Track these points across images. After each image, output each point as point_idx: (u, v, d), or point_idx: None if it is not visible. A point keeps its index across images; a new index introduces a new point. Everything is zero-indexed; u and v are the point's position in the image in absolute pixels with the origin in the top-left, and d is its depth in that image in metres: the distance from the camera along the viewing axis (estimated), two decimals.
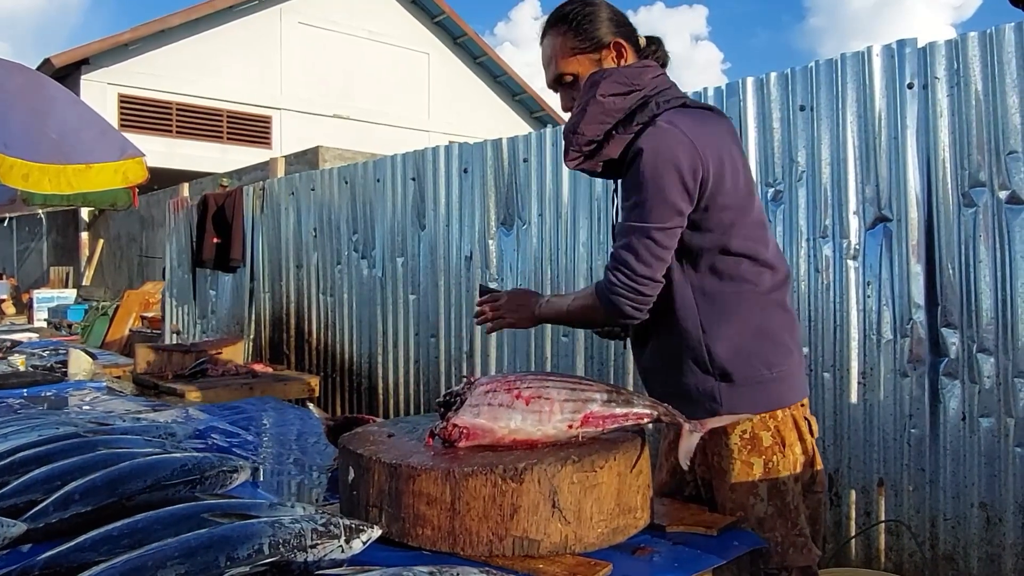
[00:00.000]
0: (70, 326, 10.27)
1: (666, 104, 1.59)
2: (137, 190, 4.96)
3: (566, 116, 1.73)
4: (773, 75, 2.86)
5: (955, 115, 2.44)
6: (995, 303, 2.36)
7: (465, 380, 1.73)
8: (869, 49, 2.62)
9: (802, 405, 1.70)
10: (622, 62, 1.67)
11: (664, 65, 1.75)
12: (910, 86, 2.54)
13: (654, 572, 1.49)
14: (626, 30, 1.71)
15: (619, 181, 1.72)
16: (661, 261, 1.59)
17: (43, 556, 1.32)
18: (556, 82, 1.75)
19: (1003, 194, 2.34)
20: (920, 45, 2.53)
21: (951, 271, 2.44)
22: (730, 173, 1.59)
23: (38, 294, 12.28)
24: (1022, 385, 2.31)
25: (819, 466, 1.70)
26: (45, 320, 11.30)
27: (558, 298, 1.86)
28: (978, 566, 2.40)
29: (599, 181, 3.37)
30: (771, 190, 2.85)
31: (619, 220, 1.69)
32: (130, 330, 8.98)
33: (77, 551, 1.33)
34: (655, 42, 1.76)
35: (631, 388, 3.20)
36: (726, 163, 1.58)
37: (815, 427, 1.71)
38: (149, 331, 8.39)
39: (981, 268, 2.38)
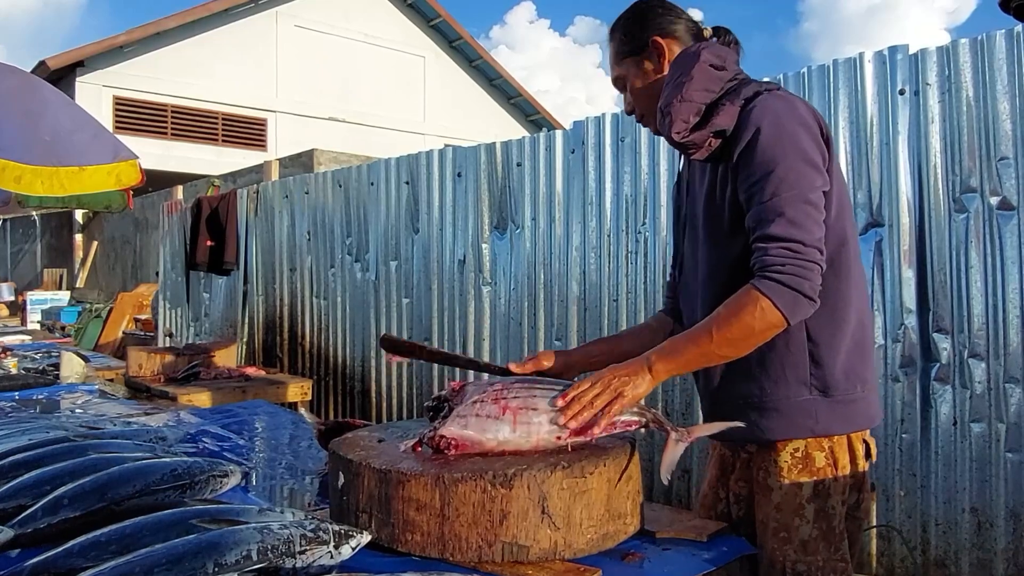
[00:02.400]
0: (63, 328, 10.24)
1: (763, 86, 1.51)
2: (132, 192, 4.94)
3: (621, 113, 1.73)
4: (766, 80, 2.86)
5: (946, 121, 2.45)
6: (986, 308, 2.37)
7: (451, 386, 1.73)
8: (861, 55, 2.63)
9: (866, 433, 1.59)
10: (663, 61, 1.60)
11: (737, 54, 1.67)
12: (902, 92, 2.55)
13: None
14: (670, 28, 1.63)
15: (712, 168, 1.56)
16: (824, 229, 1.39)
17: (31, 562, 1.32)
18: (615, 85, 1.72)
19: (994, 200, 2.35)
20: (912, 51, 2.54)
21: (942, 276, 2.45)
22: (833, 152, 1.48)
23: (31, 296, 12.24)
24: (1013, 390, 2.32)
25: (867, 492, 1.62)
26: (38, 322, 11.26)
27: (678, 336, 1.56)
28: (969, 571, 2.40)
29: (592, 187, 3.38)
30: None
31: (717, 208, 1.53)
32: (123, 332, 8.95)
33: (65, 557, 1.33)
34: (720, 32, 1.67)
35: None
36: (830, 139, 1.48)
37: (873, 451, 1.60)
38: (142, 333, 8.36)
39: (972, 273, 2.39)
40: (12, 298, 12.68)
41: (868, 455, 1.59)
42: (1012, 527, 2.32)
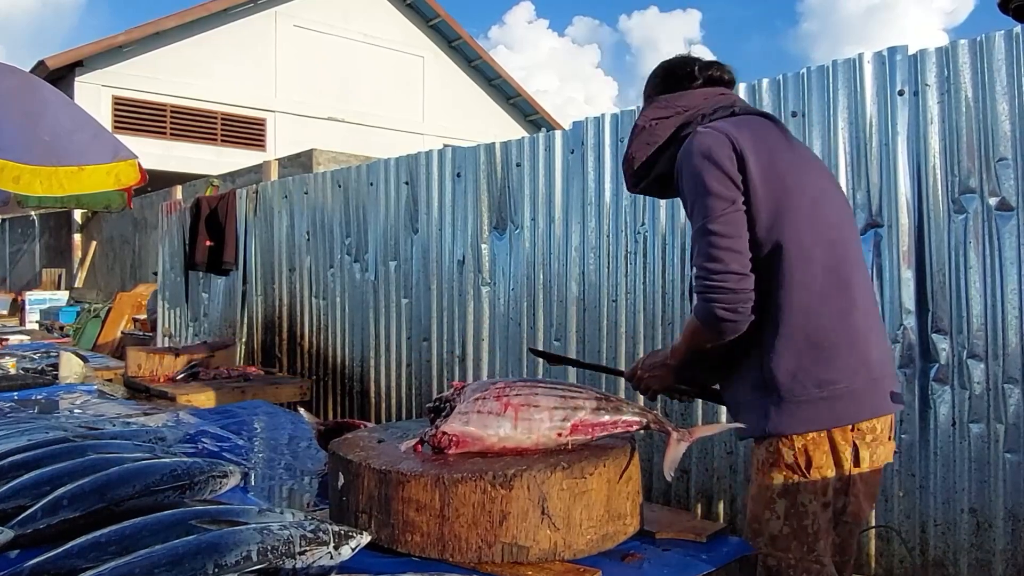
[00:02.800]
0: (62, 328, 10.23)
1: (711, 116, 1.67)
2: (133, 191, 4.93)
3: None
4: (765, 81, 2.87)
5: (945, 122, 2.45)
6: (985, 309, 2.37)
7: (453, 386, 1.73)
8: (860, 56, 2.63)
9: (856, 429, 1.60)
10: None
11: (729, 83, 1.84)
12: (901, 93, 2.55)
13: None
14: (667, 83, 1.82)
15: None
16: (730, 251, 1.54)
17: (31, 563, 1.32)
18: None
19: (993, 200, 2.35)
20: (911, 52, 2.54)
21: (941, 277, 2.45)
22: (767, 164, 1.58)
23: (30, 296, 12.23)
24: (1012, 391, 2.32)
25: (855, 497, 1.62)
26: (37, 322, 11.25)
27: (677, 338, 1.79)
28: (968, 572, 2.40)
29: (592, 187, 3.38)
30: None
31: None
32: (122, 332, 8.94)
33: (65, 557, 1.33)
34: (709, 67, 1.83)
35: (621, 393, 3.22)
36: (763, 153, 1.59)
37: (872, 453, 1.61)
38: (141, 333, 8.36)
39: (971, 274, 2.39)
40: (4, 312, 12.65)
41: (857, 460, 1.60)
42: (1011, 528, 2.32)
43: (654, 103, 1.77)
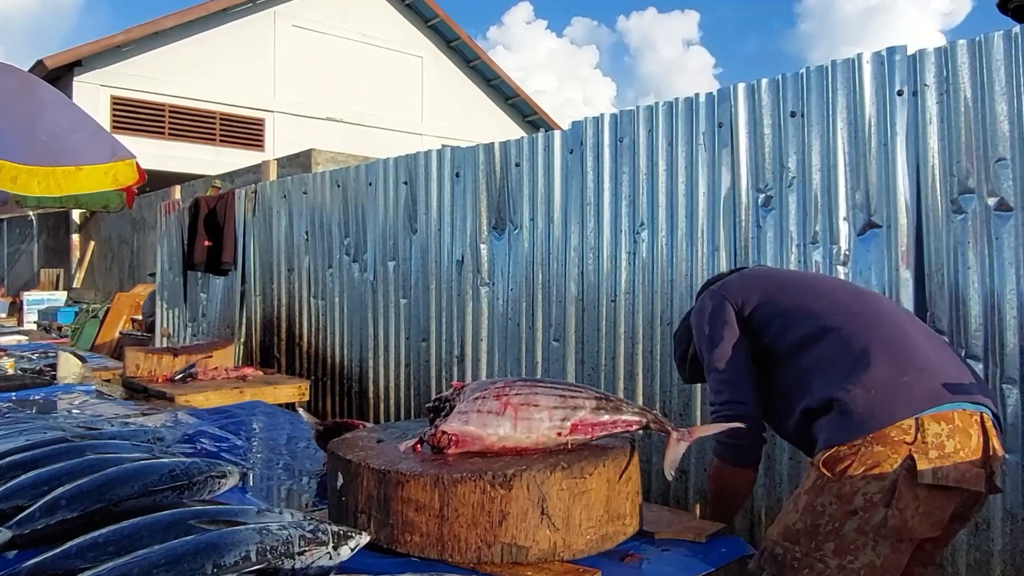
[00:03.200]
0: (60, 328, 10.21)
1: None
2: (135, 191, 4.92)
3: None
4: (764, 81, 2.87)
5: (944, 122, 2.45)
6: (983, 309, 2.37)
7: (453, 386, 1.73)
8: (859, 56, 2.63)
9: (917, 440, 1.55)
10: None
11: None
12: (900, 93, 2.55)
13: None
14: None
15: None
16: (729, 384, 1.86)
17: (29, 563, 1.32)
18: None
19: (991, 201, 2.35)
20: (910, 52, 2.54)
21: (940, 277, 2.45)
22: (758, 299, 1.91)
23: (28, 296, 12.21)
24: (1010, 391, 2.32)
25: (903, 511, 1.54)
26: (35, 322, 11.24)
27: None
28: (967, 572, 2.40)
29: (591, 187, 3.38)
30: (761, 196, 2.86)
31: None
32: (120, 332, 8.93)
33: (63, 558, 1.33)
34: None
35: (620, 393, 3.22)
36: (755, 294, 1.93)
37: (942, 473, 1.53)
38: (140, 334, 8.34)
39: (970, 274, 2.39)
40: (3, 313, 12.62)
41: (914, 475, 1.52)
42: (1009, 528, 2.32)
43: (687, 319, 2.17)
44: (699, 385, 3.02)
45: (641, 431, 1.65)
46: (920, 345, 1.69)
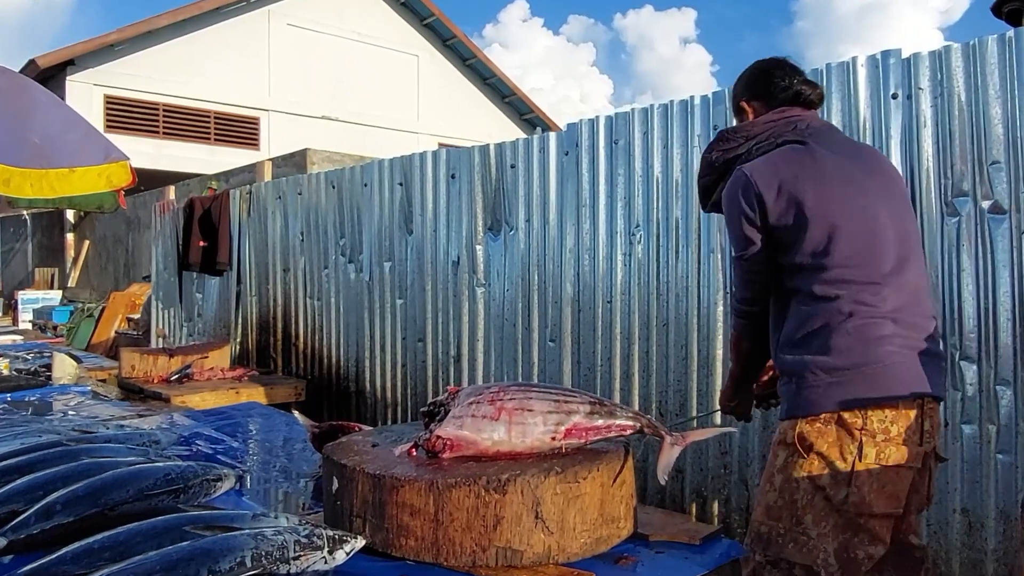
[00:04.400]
0: (55, 328, 10.19)
1: (758, 150, 1.84)
2: (123, 192, 4.91)
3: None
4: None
5: (939, 125, 2.46)
6: (978, 311, 2.38)
7: (448, 391, 1.74)
8: (854, 59, 2.64)
9: (865, 429, 1.67)
10: (745, 119, 1.98)
11: (806, 102, 1.93)
12: (894, 96, 2.56)
13: None
14: (753, 93, 1.98)
15: None
16: (749, 284, 1.86)
17: (23, 570, 1.32)
18: None
19: (986, 204, 2.36)
20: (904, 56, 2.55)
21: (934, 279, 2.46)
22: (785, 198, 1.75)
23: (23, 295, 12.17)
24: (1004, 392, 2.33)
25: (857, 488, 1.67)
26: (30, 322, 11.20)
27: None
28: (960, 571, 2.42)
29: (586, 188, 3.38)
30: None
31: None
32: (116, 332, 8.91)
33: (59, 564, 1.33)
34: (802, 84, 1.94)
35: (616, 394, 3.22)
36: (785, 187, 1.76)
37: (885, 454, 1.67)
38: (135, 333, 8.33)
39: (964, 277, 2.40)
40: None
41: (861, 454, 1.66)
42: (1002, 528, 2.34)
43: (719, 137, 1.96)
44: (695, 385, 3.03)
45: (636, 435, 1.65)
46: (898, 335, 1.72)
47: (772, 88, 1.95)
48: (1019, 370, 2.31)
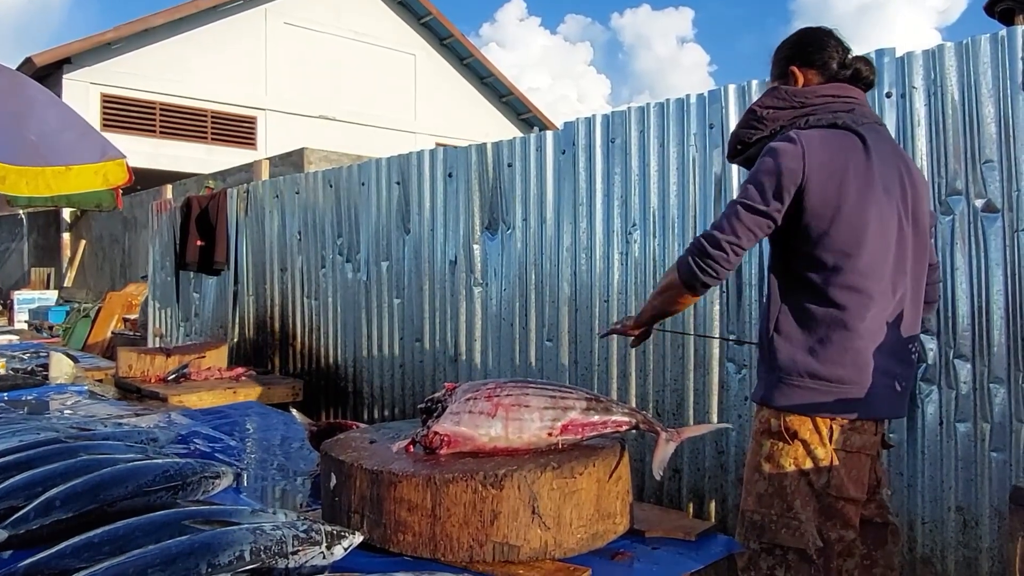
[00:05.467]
0: (51, 328, 10.18)
1: (816, 122, 1.78)
2: (120, 191, 4.91)
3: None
4: (755, 82, 2.89)
5: (932, 124, 2.48)
6: (971, 310, 2.40)
7: (445, 387, 1.75)
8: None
9: (835, 422, 1.76)
10: (799, 85, 1.89)
11: (865, 83, 1.90)
12: (888, 95, 2.57)
13: None
14: (807, 59, 1.90)
15: None
16: (734, 234, 1.75)
17: (24, 563, 1.32)
18: None
19: (979, 202, 2.38)
20: (898, 55, 2.57)
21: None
22: (832, 189, 1.71)
23: (19, 295, 12.15)
24: (997, 390, 2.35)
25: (837, 473, 1.76)
26: (26, 322, 11.19)
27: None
28: (955, 569, 2.43)
29: (583, 187, 3.40)
30: None
31: None
32: (112, 332, 8.91)
33: (59, 558, 1.34)
34: (856, 62, 1.90)
35: (613, 393, 3.23)
36: (833, 178, 1.71)
37: (850, 439, 1.76)
38: (132, 333, 8.33)
39: (958, 275, 2.42)
40: None
41: (831, 442, 1.75)
42: (997, 525, 2.35)
43: (774, 92, 1.87)
44: (691, 384, 3.04)
45: (632, 431, 1.66)
46: (887, 365, 1.78)
47: (827, 59, 1.88)
48: (1013, 368, 2.33)
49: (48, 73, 13.17)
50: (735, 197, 1.81)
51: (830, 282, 1.74)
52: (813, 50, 1.90)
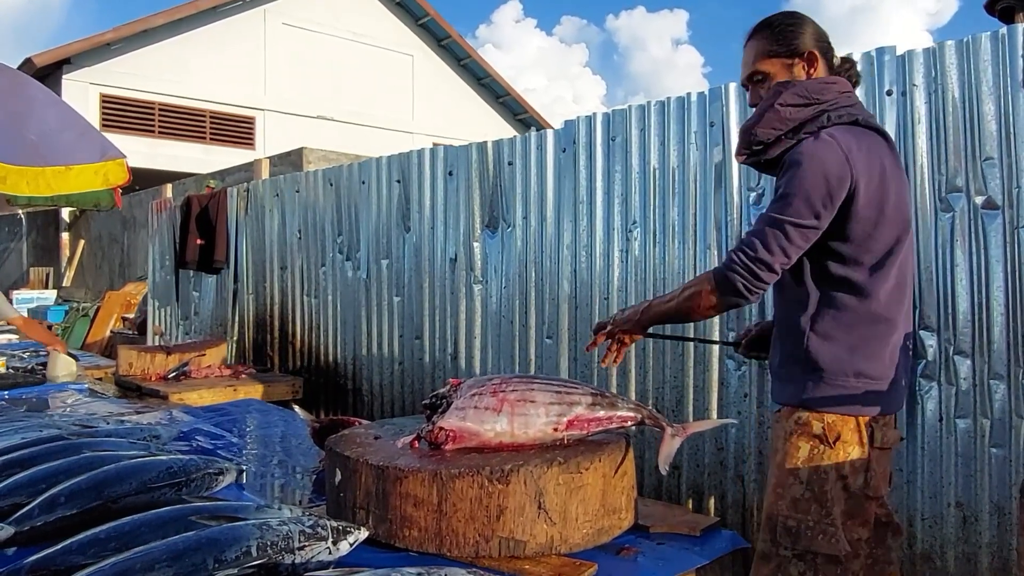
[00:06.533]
0: (50, 327, 10.16)
1: (837, 119, 1.71)
2: (120, 191, 4.90)
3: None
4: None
5: (933, 122, 2.49)
6: (971, 306, 2.41)
7: (450, 383, 1.75)
8: (849, 56, 2.66)
9: (872, 419, 1.75)
10: (812, 72, 1.80)
11: (855, 84, 1.86)
12: (889, 93, 2.58)
13: (639, 572, 1.51)
14: (823, 46, 1.83)
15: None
16: (784, 255, 1.67)
17: (31, 559, 1.33)
18: (748, 79, 1.89)
19: (979, 199, 2.39)
20: (899, 53, 2.57)
21: (928, 275, 2.48)
22: (875, 190, 1.67)
23: (17, 295, 12.13)
24: (997, 387, 2.36)
25: (874, 473, 1.74)
26: None
27: (662, 296, 1.93)
28: (955, 564, 2.44)
29: (583, 185, 3.40)
30: (752, 194, 2.89)
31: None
32: (111, 331, 8.90)
33: (65, 553, 1.34)
34: (848, 62, 1.87)
35: (613, 389, 3.24)
36: (874, 180, 1.67)
37: (885, 437, 1.75)
38: (131, 333, 8.32)
39: (958, 272, 2.43)
40: None
41: (872, 441, 1.72)
42: (996, 521, 2.36)
43: (794, 88, 1.76)
44: (691, 381, 3.05)
45: (636, 427, 1.67)
46: (903, 355, 1.80)
47: (833, 52, 1.84)
48: (1012, 365, 2.33)
49: (48, 73, 13.16)
50: (777, 212, 1.68)
51: (872, 279, 1.70)
52: (825, 39, 1.85)
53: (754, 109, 1.86)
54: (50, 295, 12.38)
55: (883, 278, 1.71)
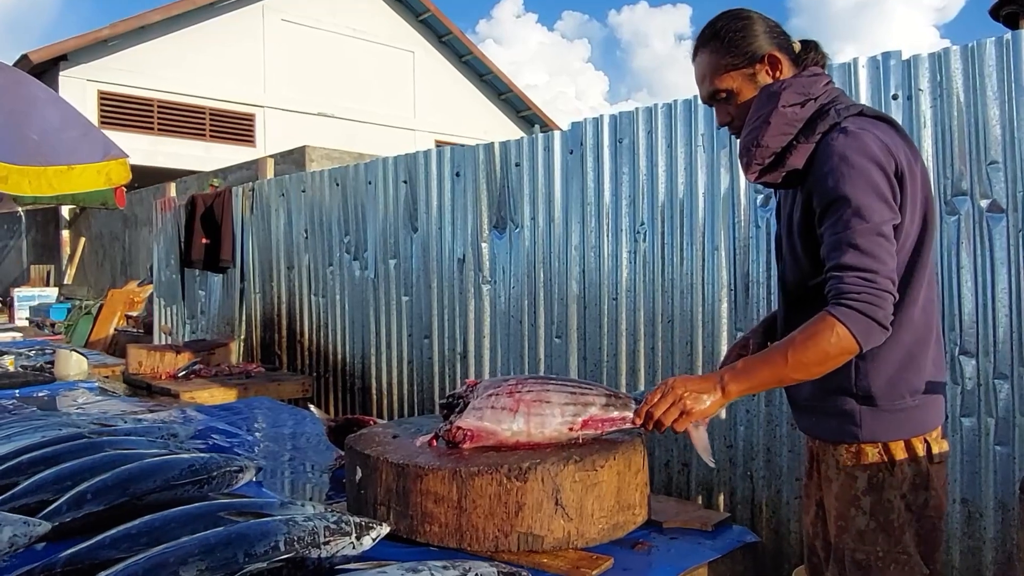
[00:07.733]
0: (53, 325, 10.19)
1: (846, 111, 1.56)
2: (124, 190, 4.92)
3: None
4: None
5: (938, 126, 2.52)
6: (976, 307, 2.45)
7: (466, 383, 1.79)
8: (855, 60, 2.70)
9: (928, 434, 1.61)
10: (777, 74, 1.64)
11: (823, 66, 1.70)
12: (895, 97, 2.61)
13: (653, 565, 1.55)
14: (779, 40, 1.66)
15: (792, 192, 1.67)
16: (891, 258, 1.45)
17: (65, 553, 1.36)
18: (711, 98, 1.74)
19: (984, 202, 2.42)
20: (904, 57, 2.61)
21: (934, 276, 2.52)
22: (909, 180, 1.52)
23: (19, 292, 12.15)
24: (1001, 386, 2.40)
25: (935, 491, 1.59)
26: (27, 319, 11.20)
27: (752, 356, 1.61)
28: (960, 559, 2.48)
29: (591, 187, 3.43)
30: (759, 196, 2.92)
31: (792, 230, 1.63)
32: (115, 329, 8.93)
33: (99, 548, 1.38)
34: (810, 46, 1.70)
35: (623, 389, 3.27)
36: (910, 168, 1.52)
37: (940, 449, 1.61)
38: (135, 331, 8.35)
39: (963, 274, 2.47)
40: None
41: (931, 458, 1.58)
42: (1000, 517, 2.40)
43: (791, 87, 1.59)
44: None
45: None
46: (941, 354, 1.68)
47: (783, 39, 1.67)
48: (1016, 364, 2.37)
49: (44, 70, 13.16)
50: (859, 220, 1.45)
51: (912, 280, 1.54)
52: (780, 32, 1.68)
53: (726, 128, 1.74)
54: (52, 293, 12.40)
55: (920, 278, 1.55)
